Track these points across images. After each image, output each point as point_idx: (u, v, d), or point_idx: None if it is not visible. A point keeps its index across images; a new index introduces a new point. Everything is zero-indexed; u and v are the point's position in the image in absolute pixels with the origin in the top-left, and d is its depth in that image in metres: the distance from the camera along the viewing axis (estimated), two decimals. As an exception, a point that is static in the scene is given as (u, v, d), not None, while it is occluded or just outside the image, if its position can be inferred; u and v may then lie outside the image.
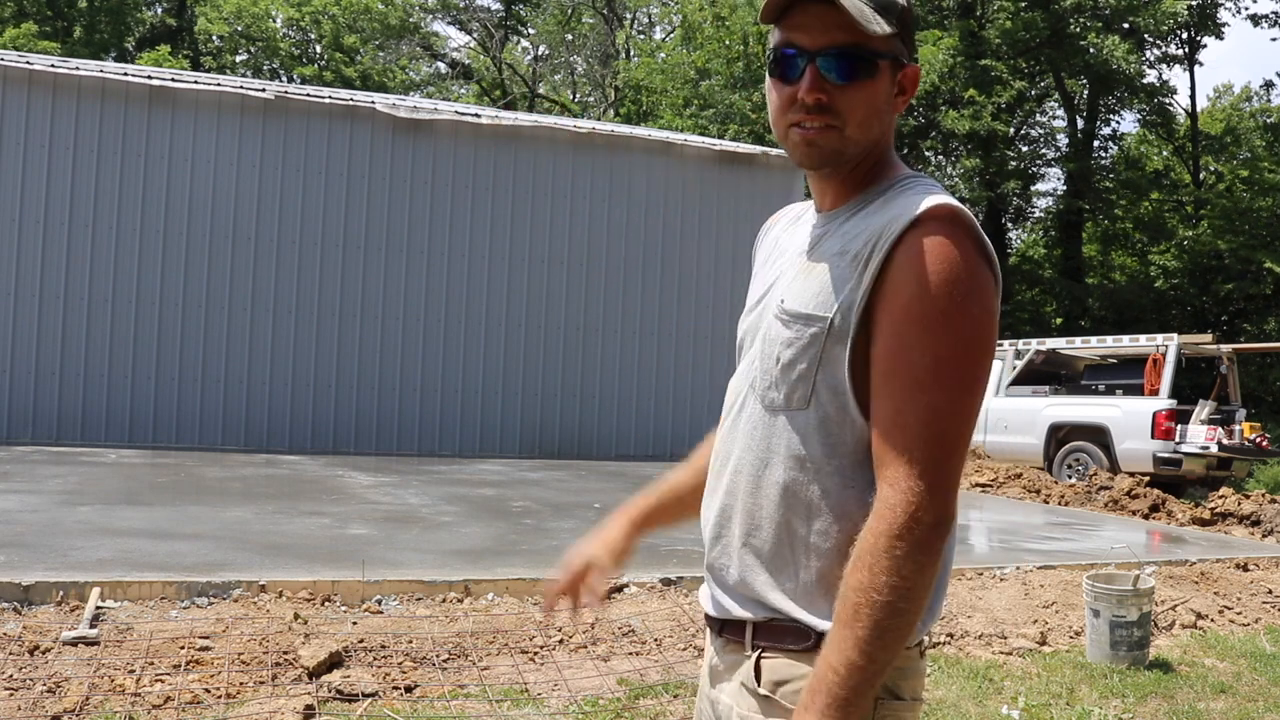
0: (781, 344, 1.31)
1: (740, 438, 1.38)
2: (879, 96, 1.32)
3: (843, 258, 1.28)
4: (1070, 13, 23.68)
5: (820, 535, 1.28)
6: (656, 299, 13.40)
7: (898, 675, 1.29)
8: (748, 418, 1.37)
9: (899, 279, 1.22)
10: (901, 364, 1.20)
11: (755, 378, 1.36)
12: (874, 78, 1.31)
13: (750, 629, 1.34)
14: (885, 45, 1.31)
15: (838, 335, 1.26)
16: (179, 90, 11.57)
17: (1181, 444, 11.83)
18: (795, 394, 1.30)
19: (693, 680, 4.18)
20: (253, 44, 34.97)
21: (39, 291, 11.09)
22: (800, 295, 1.32)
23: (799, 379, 1.29)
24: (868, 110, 1.32)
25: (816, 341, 1.27)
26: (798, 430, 1.30)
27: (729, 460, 1.39)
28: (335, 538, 6.16)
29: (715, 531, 1.40)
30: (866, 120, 1.31)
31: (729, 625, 1.38)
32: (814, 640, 1.27)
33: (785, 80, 1.33)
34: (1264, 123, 28.28)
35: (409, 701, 3.79)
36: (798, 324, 1.30)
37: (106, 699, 3.60)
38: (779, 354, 1.32)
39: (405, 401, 12.31)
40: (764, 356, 1.35)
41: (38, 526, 5.95)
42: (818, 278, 1.31)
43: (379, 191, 12.28)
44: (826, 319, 1.27)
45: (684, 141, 14.17)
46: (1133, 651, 4.79)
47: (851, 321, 1.25)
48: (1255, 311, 25.81)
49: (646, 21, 37.58)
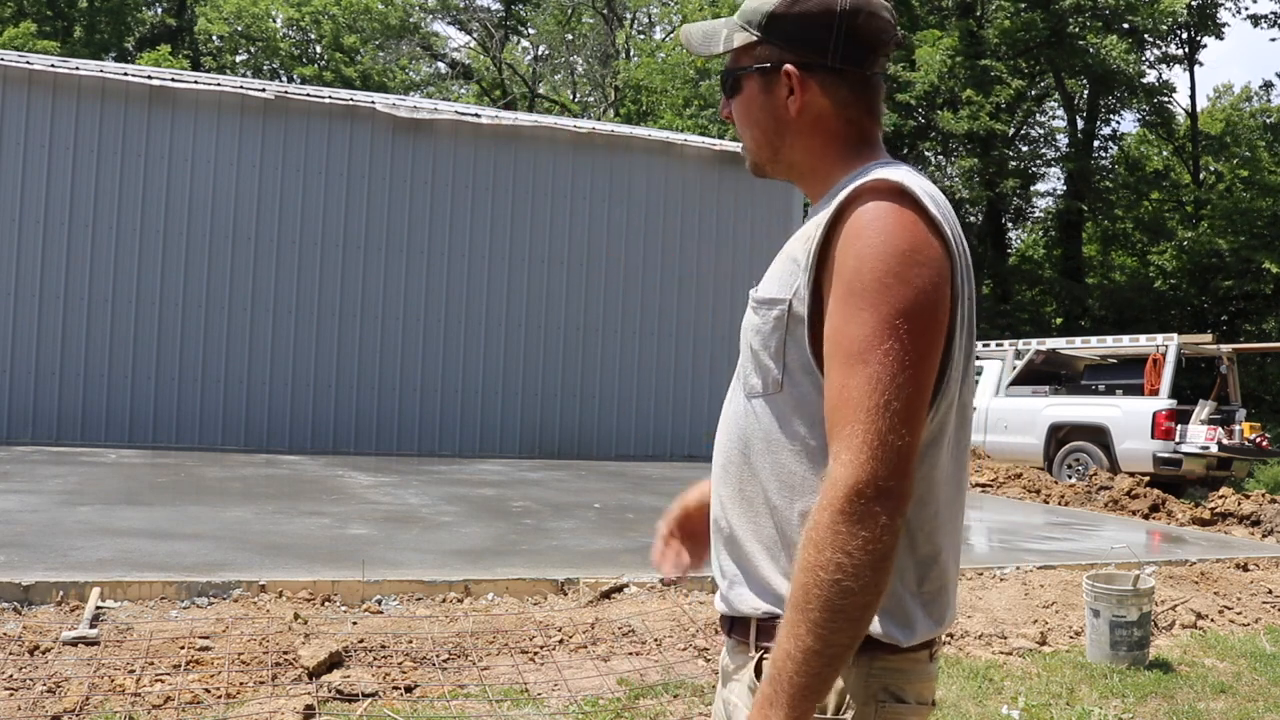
0: (752, 330, 1.33)
1: (728, 428, 1.39)
2: (753, 107, 1.38)
3: (798, 242, 1.30)
4: (1070, 13, 23.67)
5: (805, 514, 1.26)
6: (656, 299, 13.40)
7: (900, 678, 1.27)
8: (733, 409, 1.38)
9: (838, 254, 1.22)
10: (843, 338, 1.19)
11: (737, 370, 1.39)
12: (740, 92, 1.39)
13: (754, 627, 1.32)
14: (745, 59, 1.36)
15: (798, 315, 1.26)
16: (179, 90, 11.57)
17: (1181, 444, 11.83)
18: (769, 377, 1.30)
19: (693, 680, 4.19)
20: (253, 44, 34.98)
21: (39, 291, 11.09)
22: (766, 282, 1.33)
23: (771, 361, 1.29)
24: (745, 121, 1.40)
25: (780, 324, 1.28)
26: (776, 412, 1.30)
27: (719, 452, 1.41)
28: (335, 538, 6.15)
29: (716, 526, 1.40)
30: (751, 129, 1.39)
31: (737, 624, 1.37)
32: None
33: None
34: (1264, 123, 28.28)
35: (409, 701, 3.79)
36: (764, 309, 1.31)
37: (106, 699, 3.60)
38: (751, 341, 1.33)
39: (405, 401, 12.31)
40: (742, 346, 1.37)
41: (38, 526, 5.95)
42: (780, 264, 1.33)
43: (379, 191, 12.28)
44: (785, 300, 1.28)
45: (684, 141, 14.17)
46: (1133, 651, 4.79)
47: (805, 300, 1.26)
48: (1255, 311, 25.81)
49: (646, 21, 37.59)
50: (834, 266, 1.22)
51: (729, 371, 1.51)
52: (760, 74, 1.35)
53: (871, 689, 1.26)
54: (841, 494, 1.15)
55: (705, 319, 13.48)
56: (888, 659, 1.26)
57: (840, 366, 1.19)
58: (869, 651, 1.24)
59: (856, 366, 1.17)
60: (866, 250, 1.19)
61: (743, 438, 1.34)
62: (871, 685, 1.26)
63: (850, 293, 1.19)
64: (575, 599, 5.17)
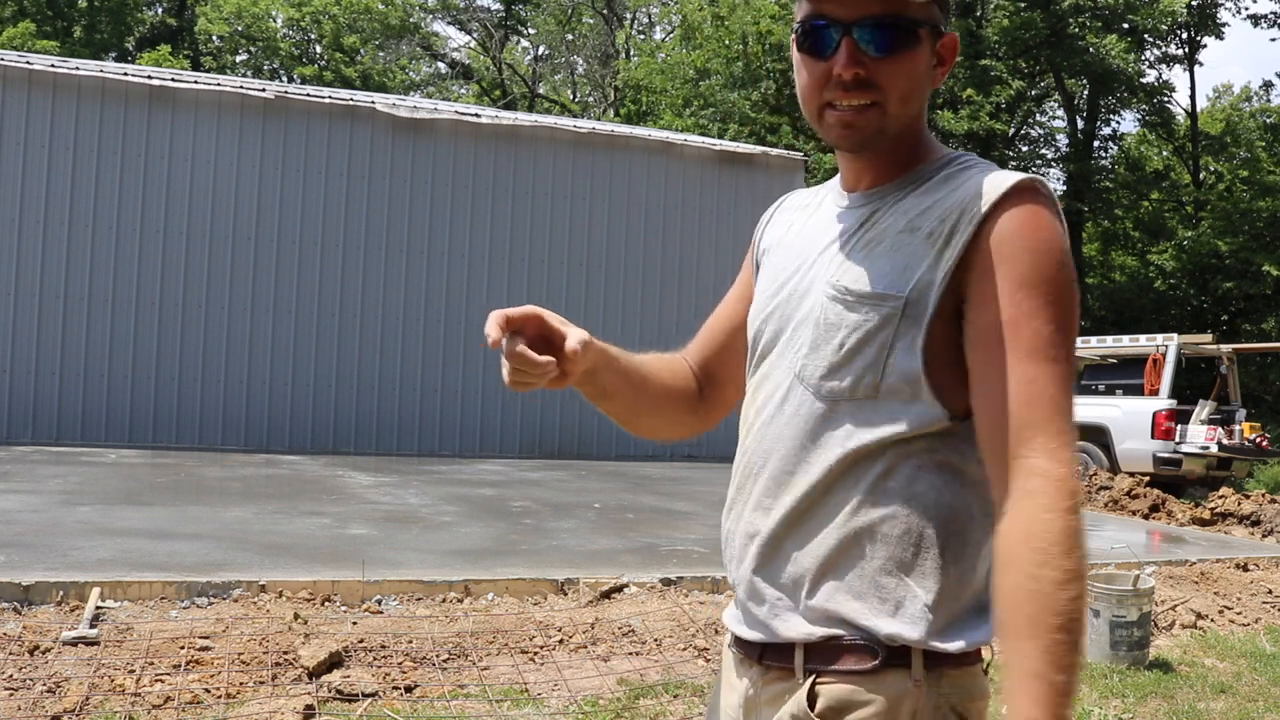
0: (846, 327, 1.19)
1: (788, 434, 1.23)
2: (920, 68, 1.21)
3: (913, 234, 1.19)
4: (1070, 13, 23.67)
5: (890, 523, 1.16)
6: (656, 299, 13.40)
7: (964, 695, 1.18)
8: (793, 412, 1.23)
9: (1007, 251, 1.13)
10: (1025, 334, 1.11)
11: (803, 366, 1.23)
12: (915, 48, 1.19)
13: (802, 652, 1.19)
14: (924, 12, 1.19)
15: (913, 315, 1.16)
16: (179, 90, 11.57)
17: (1181, 444, 11.83)
18: (863, 380, 1.18)
19: (693, 680, 4.18)
20: (253, 44, 34.98)
21: (39, 291, 11.09)
22: (865, 275, 1.20)
23: (868, 364, 1.17)
24: (909, 84, 1.20)
25: (889, 323, 1.17)
26: (864, 417, 1.18)
27: (769, 460, 1.25)
28: (335, 538, 6.15)
29: (759, 541, 1.24)
30: (908, 95, 1.20)
31: (773, 650, 1.23)
32: (882, 658, 1.15)
33: (817, 55, 1.21)
34: (1264, 123, 28.29)
35: (409, 701, 3.79)
36: (866, 305, 1.18)
37: (106, 699, 3.60)
38: (843, 339, 1.19)
39: (405, 401, 12.31)
40: (818, 342, 1.21)
41: (38, 526, 5.94)
42: (884, 256, 1.20)
43: (379, 191, 12.28)
44: (901, 298, 1.16)
45: (684, 141, 14.18)
46: (1133, 651, 4.79)
47: (930, 300, 1.15)
48: (1255, 311, 25.81)
49: (646, 21, 37.59)
50: (993, 263, 1.13)
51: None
52: (931, 33, 1.22)
53: (941, 711, 1.16)
54: (1067, 498, 1.07)
55: (705, 319, 13.43)
56: (951, 674, 1.17)
57: (1025, 360, 1.11)
58: (936, 668, 1.16)
59: (1045, 363, 1.10)
60: (1043, 247, 1.12)
61: (812, 444, 1.21)
62: (941, 707, 1.16)
63: (1029, 289, 1.11)
64: (575, 599, 5.17)
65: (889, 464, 1.17)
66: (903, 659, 1.15)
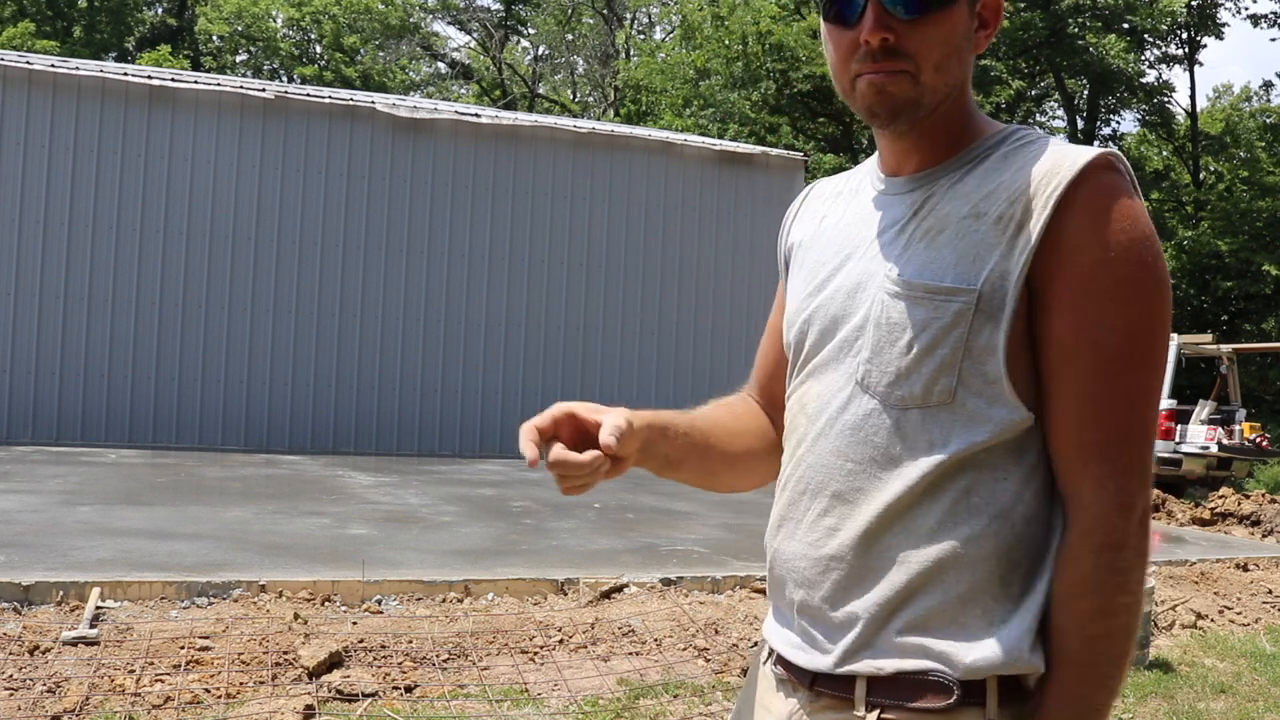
0: (915, 327, 1.06)
1: (851, 448, 1.11)
2: (958, 31, 1.08)
3: (979, 220, 1.06)
4: (1070, 13, 23.69)
5: (972, 543, 1.05)
6: (656, 299, 13.40)
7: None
8: (857, 423, 1.11)
9: (1077, 241, 1.01)
10: (1088, 342, 1.01)
11: (866, 372, 1.10)
12: (949, 8, 1.07)
13: (864, 683, 1.08)
14: None
15: (987, 310, 1.03)
16: (179, 90, 11.57)
17: (1181, 444, 11.84)
18: (937, 384, 1.05)
19: (693, 680, 4.18)
20: (253, 44, 34.98)
21: (39, 291, 11.09)
22: (929, 267, 1.07)
23: (941, 366, 1.05)
24: (944, 49, 1.07)
25: (962, 319, 1.04)
26: (940, 427, 1.06)
27: (830, 475, 1.13)
28: (335, 538, 6.15)
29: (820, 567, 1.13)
30: (944, 61, 1.08)
31: (827, 679, 1.11)
32: (957, 697, 1.03)
33: (843, 23, 1.09)
34: (1264, 123, 28.30)
35: (409, 701, 3.79)
36: (934, 301, 1.05)
37: (106, 699, 3.60)
38: (911, 339, 1.06)
39: (405, 401, 12.31)
40: (882, 345, 1.09)
41: (38, 526, 5.94)
42: (948, 245, 1.07)
43: (379, 191, 12.29)
44: (973, 291, 1.04)
45: (684, 141, 14.18)
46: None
47: (1007, 292, 1.03)
48: (1255, 311, 25.82)
49: (646, 21, 37.60)
50: (1066, 255, 1.02)
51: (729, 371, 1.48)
52: None
53: None
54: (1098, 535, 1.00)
55: (705, 319, 13.48)
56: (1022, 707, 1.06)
57: (1091, 375, 1.01)
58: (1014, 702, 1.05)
59: (1120, 376, 1.01)
60: (1117, 239, 1.01)
61: (881, 456, 1.09)
62: None
63: (1097, 289, 1.01)
64: (575, 599, 5.17)
65: (971, 478, 1.06)
66: (978, 697, 1.04)
